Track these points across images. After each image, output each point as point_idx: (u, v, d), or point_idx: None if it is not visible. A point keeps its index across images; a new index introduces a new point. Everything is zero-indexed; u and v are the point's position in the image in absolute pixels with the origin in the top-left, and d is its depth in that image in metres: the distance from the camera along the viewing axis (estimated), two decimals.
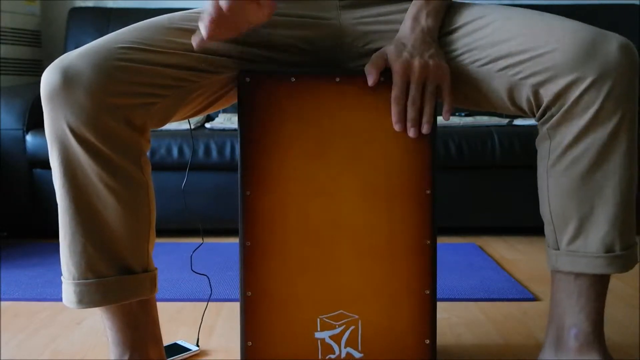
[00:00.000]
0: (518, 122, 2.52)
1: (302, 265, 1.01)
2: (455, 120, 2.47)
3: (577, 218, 0.96)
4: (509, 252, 2.14)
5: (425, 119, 0.97)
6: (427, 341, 1.03)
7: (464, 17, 1.02)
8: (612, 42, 0.91)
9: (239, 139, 0.99)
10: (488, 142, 2.28)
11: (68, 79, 0.87)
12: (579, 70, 0.90)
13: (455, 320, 1.46)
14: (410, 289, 1.02)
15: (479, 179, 2.32)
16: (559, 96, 0.92)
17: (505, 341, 1.33)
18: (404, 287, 1.02)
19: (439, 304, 1.53)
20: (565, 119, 0.93)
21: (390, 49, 0.98)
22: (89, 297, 0.93)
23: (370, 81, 0.97)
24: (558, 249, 0.99)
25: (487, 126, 2.41)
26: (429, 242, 1.01)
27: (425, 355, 1.03)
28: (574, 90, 0.91)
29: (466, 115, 2.59)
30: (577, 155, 0.94)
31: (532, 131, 2.30)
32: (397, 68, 0.96)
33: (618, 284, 1.72)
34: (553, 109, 0.94)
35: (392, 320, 1.03)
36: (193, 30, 0.97)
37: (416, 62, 0.95)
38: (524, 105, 0.97)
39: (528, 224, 2.33)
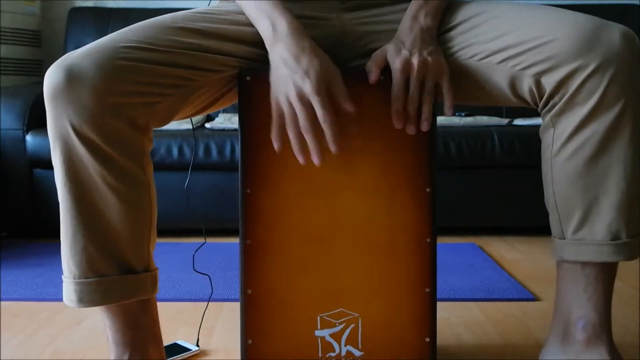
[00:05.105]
0: (518, 122, 2.53)
1: (302, 263, 1.01)
2: (455, 120, 2.47)
3: (582, 206, 0.95)
4: (509, 252, 2.13)
5: (423, 117, 0.97)
6: (427, 339, 1.03)
7: (462, 14, 1.02)
8: (614, 30, 0.91)
9: (239, 137, 0.99)
10: (488, 142, 2.28)
11: (71, 78, 0.87)
12: (581, 58, 0.90)
13: (455, 320, 1.46)
14: (411, 287, 1.02)
15: (479, 179, 2.32)
16: (562, 84, 0.92)
17: (505, 341, 1.33)
18: (404, 285, 1.02)
19: (439, 304, 1.53)
20: (568, 106, 0.93)
21: (389, 47, 0.98)
22: (89, 296, 0.93)
23: (371, 78, 0.97)
24: (564, 238, 0.98)
25: (487, 126, 2.41)
26: (429, 240, 1.01)
27: (425, 354, 1.03)
28: (576, 78, 0.91)
29: (466, 115, 2.59)
30: (581, 142, 0.93)
31: (532, 131, 2.30)
32: (396, 65, 0.96)
33: (618, 283, 1.71)
34: (555, 98, 0.94)
35: (392, 319, 1.03)
36: (196, 30, 0.97)
37: (415, 60, 0.96)
38: (527, 96, 0.97)
39: (528, 224, 2.33)
